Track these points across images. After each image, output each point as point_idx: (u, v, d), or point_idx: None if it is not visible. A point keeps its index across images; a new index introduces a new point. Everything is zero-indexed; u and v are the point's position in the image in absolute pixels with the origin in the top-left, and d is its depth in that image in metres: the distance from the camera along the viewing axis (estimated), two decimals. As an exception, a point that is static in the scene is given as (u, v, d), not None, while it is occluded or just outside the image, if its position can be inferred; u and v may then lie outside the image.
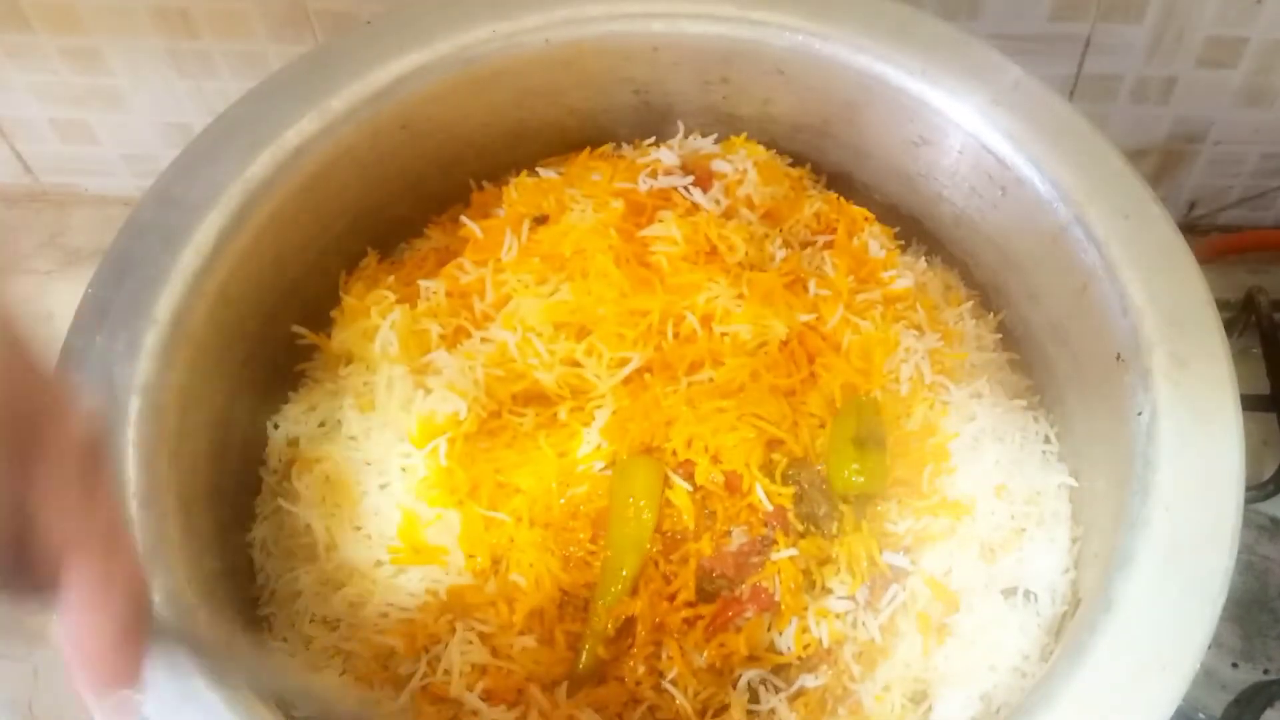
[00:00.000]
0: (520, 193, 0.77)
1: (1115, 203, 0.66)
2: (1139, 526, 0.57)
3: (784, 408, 0.69)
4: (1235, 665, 0.79)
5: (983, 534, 0.67)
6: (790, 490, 0.67)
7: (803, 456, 0.68)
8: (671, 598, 0.65)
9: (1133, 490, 0.59)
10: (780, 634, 0.65)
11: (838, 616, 0.65)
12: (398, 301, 0.72)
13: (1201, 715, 0.76)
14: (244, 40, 0.94)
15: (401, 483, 0.68)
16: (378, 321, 0.71)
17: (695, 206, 0.75)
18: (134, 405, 0.61)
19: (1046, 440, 0.72)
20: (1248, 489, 0.58)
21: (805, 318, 0.71)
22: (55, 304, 1.04)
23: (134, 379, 0.62)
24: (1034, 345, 0.75)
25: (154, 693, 0.54)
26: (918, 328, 0.73)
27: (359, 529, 0.68)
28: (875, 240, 0.77)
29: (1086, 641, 0.55)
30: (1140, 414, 0.61)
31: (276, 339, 0.73)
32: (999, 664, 0.64)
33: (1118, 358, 0.63)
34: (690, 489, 0.66)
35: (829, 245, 0.77)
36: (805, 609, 0.65)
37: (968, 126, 0.71)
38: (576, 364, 0.70)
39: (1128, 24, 0.88)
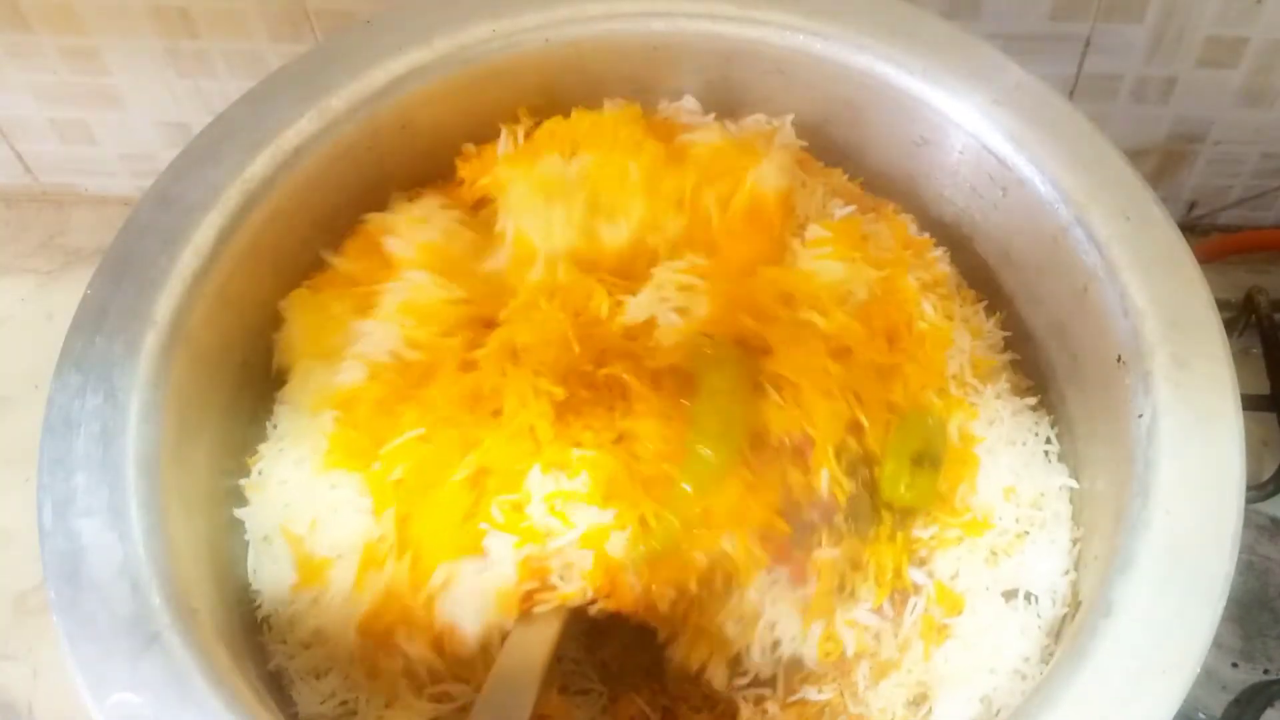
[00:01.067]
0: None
1: (1116, 203, 0.66)
2: (1139, 528, 0.57)
3: (880, 394, 0.66)
4: (1235, 665, 0.79)
5: (989, 538, 0.67)
6: (850, 486, 0.65)
7: (870, 453, 0.66)
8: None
9: (1133, 492, 0.59)
10: (804, 641, 0.64)
11: (866, 629, 0.64)
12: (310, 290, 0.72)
13: (1202, 715, 0.76)
14: (243, 40, 0.94)
15: (308, 466, 0.67)
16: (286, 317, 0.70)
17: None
18: (134, 406, 0.61)
19: (1048, 441, 0.72)
20: (1248, 489, 0.58)
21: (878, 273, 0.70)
22: (55, 304, 1.05)
23: (134, 379, 0.61)
24: (1034, 346, 0.75)
25: (154, 693, 0.54)
26: (962, 320, 0.73)
27: (268, 539, 0.67)
28: (913, 224, 0.77)
29: (1087, 644, 0.55)
30: (1141, 416, 0.61)
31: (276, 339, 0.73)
32: (999, 666, 0.64)
33: (1118, 359, 0.63)
34: (782, 405, 0.64)
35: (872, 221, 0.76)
36: (833, 613, 0.64)
37: (969, 127, 0.71)
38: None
39: (1128, 24, 0.88)
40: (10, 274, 1.08)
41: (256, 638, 0.67)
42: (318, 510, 0.66)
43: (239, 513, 0.68)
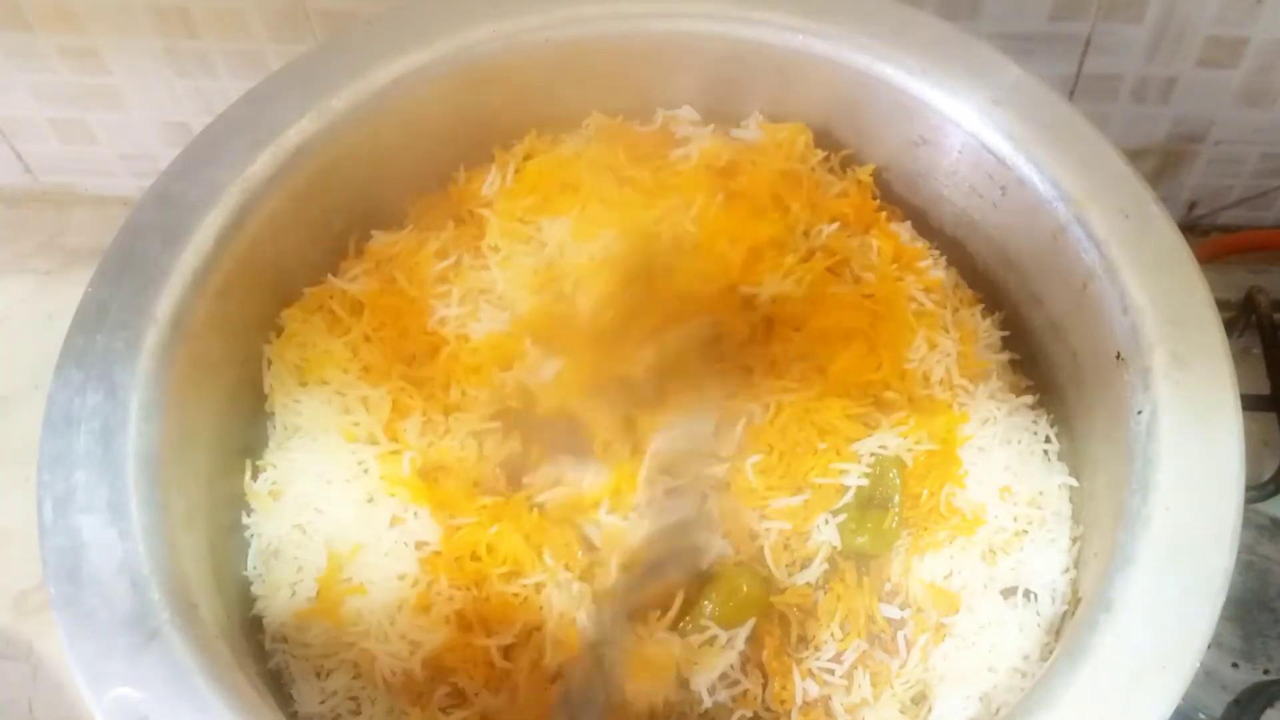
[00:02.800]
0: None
1: (1115, 202, 0.66)
2: (1139, 526, 0.57)
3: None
4: (1235, 665, 0.79)
5: (986, 536, 0.67)
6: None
7: None
8: None
9: (1133, 490, 0.59)
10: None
11: (825, 673, 0.65)
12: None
13: (1202, 715, 0.76)
14: (243, 40, 0.94)
15: (339, 486, 0.68)
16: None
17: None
18: (134, 404, 0.61)
19: (1047, 440, 0.72)
20: (1248, 489, 0.58)
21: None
22: (55, 304, 1.05)
23: (134, 378, 0.61)
24: (1034, 345, 0.75)
25: (153, 689, 0.54)
26: (944, 326, 0.73)
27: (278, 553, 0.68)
28: (907, 231, 0.77)
29: (1086, 641, 0.55)
30: (1140, 413, 0.61)
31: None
32: (998, 664, 0.64)
33: (1117, 357, 0.63)
34: None
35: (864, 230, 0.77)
36: (790, 670, 0.65)
37: (968, 126, 0.71)
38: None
39: (1128, 24, 0.88)
40: (10, 274, 1.08)
41: (257, 635, 0.67)
42: (362, 535, 0.66)
43: (247, 519, 0.69)
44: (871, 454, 0.67)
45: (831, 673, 0.65)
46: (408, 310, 0.72)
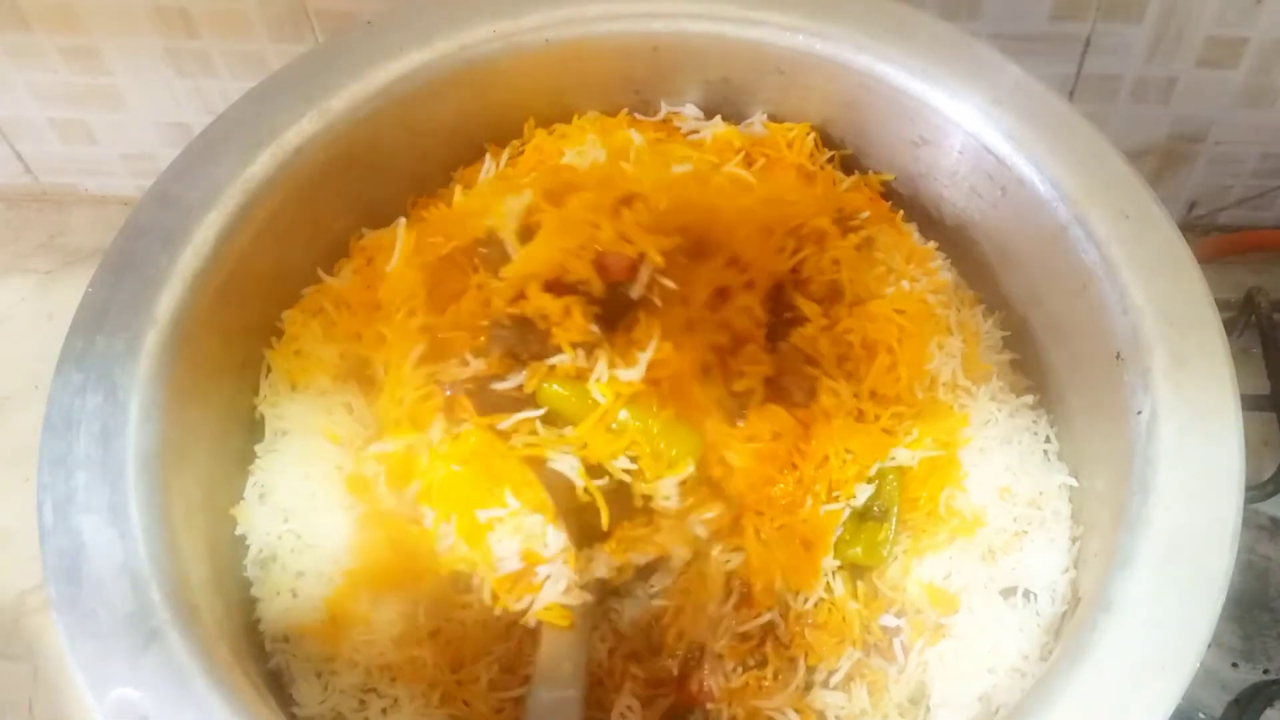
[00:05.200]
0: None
1: (1115, 203, 0.66)
2: (1139, 526, 0.57)
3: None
4: (1235, 665, 0.79)
5: (985, 537, 0.67)
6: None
7: None
8: None
9: (1132, 490, 0.59)
10: None
11: (821, 686, 0.65)
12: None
13: (1201, 715, 0.76)
14: (243, 40, 0.94)
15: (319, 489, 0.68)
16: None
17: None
18: (134, 406, 0.61)
19: (1047, 440, 0.72)
20: (1248, 489, 0.58)
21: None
22: (55, 304, 1.05)
23: (134, 378, 0.62)
24: (1034, 345, 0.75)
25: (154, 689, 0.54)
26: (950, 328, 0.73)
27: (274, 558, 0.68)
28: (915, 233, 0.78)
29: (1086, 641, 0.55)
30: (1140, 413, 0.61)
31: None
32: (998, 664, 0.64)
33: (1117, 357, 0.63)
34: None
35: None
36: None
37: (968, 127, 0.71)
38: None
39: (1128, 24, 0.88)
40: (10, 274, 1.08)
41: (257, 635, 0.67)
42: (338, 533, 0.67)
43: (241, 522, 0.68)
44: (879, 467, 0.67)
45: (827, 685, 0.65)
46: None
